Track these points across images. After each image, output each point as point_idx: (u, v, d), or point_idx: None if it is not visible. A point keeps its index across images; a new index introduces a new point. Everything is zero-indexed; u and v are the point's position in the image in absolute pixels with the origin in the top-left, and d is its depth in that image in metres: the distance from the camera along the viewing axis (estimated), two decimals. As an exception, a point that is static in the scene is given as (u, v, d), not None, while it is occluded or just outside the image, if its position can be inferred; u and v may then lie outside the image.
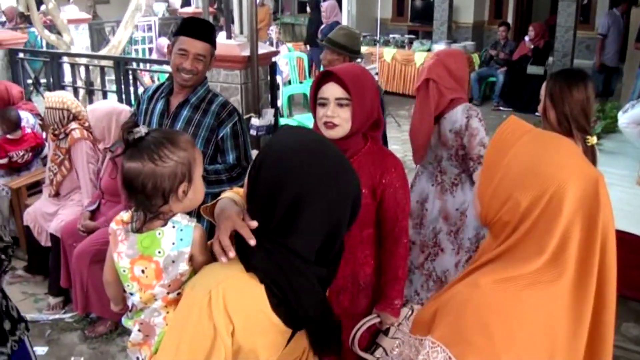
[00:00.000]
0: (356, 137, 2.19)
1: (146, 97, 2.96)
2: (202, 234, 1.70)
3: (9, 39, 6.12)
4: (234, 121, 2.83)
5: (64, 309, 4.03)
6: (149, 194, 1.64)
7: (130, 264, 1.71)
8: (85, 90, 5.68)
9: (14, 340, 2.18)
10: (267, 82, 4.06)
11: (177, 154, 1.64)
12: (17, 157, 4.73)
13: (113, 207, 3.70)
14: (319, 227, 1.39)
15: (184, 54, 2.69)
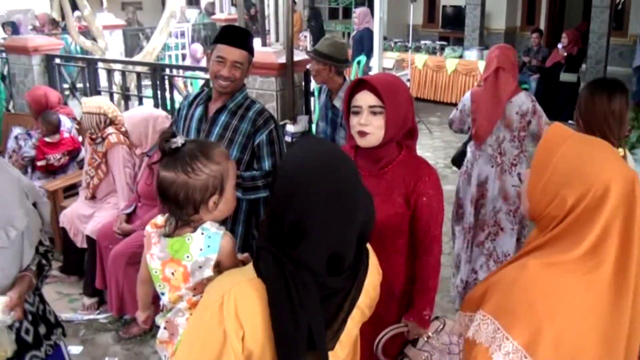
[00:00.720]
0: (390, 146, 2.19)
1: (186, 103, 3.00)
2: (230, 242, 1.75)
3: (45, 45, 6.26)
4: (270, 128, 2.85)
5: (98, 309, 4.10)
6: (181, 203, 1.70)
7: (162, 265, 1.78)
8: (121, 96, 5.77)
9: (48, 345, 2.20)
10: (302, 89, 4.09)
11: (209, 167, 1.70)
12: (54, 160, 4.84)
13: (149, 211, 3.75)
14: (322, 247, 1.40)
15: (221, 61, 2.72)
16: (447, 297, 4.03)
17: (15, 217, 1.97)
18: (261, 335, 1.39)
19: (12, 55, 6.35)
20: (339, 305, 1.44)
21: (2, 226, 1.92)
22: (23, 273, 2.04)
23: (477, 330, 1.37)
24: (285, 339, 1.36)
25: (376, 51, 6.28)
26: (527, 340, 1.28)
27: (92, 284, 4.01)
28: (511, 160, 3.67)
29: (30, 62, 6.10)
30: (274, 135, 2.87)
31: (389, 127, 2.10)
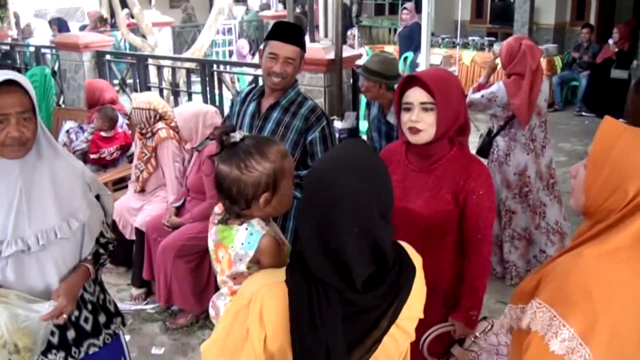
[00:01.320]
0: (442, 142, 2.16)
1: (239, 99, 3.03)
2: (270, 243, 1.75)
3: (96, 42, 6.42)
4: (323, 125, 2.85)
5: (145, 300, 4.17)
6: (234, 197, 1.72)
7: (215, 247, 1.84)
8: (171, 92, 5.86)
9: (107, 334, 2.22)
10: (350, 85, 4.08)
11: (262, 165, 1.70)
12: (107, 154, 4.96)
13: (197, 204, 3.81)
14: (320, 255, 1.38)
15: (274, 58, 2.73)
16: (494, 297, 3.97)
17: (78, 209, 2.00)
18: (281, 339, 1.39)
19: (63, 52, 6.53)
20: (373, 323, 1.41)
21: (65, 217, 1.96)
22: (80, 263, 2.07)
23: (532, 318, 1.37)
24: (303, 351, 1.36)
25: (423, 47, 6.21)
26: (584, 328, 1.29)
27: (140, 275, 4.09)
28: (541, 143, 4.07)
29: (81, 58, 6.26)
30: (326, 132, 2.87)
31: (441, 124, 2.08)
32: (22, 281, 1.94)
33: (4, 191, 1.88)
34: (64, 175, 2.00)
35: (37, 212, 1.91)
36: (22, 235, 1.89)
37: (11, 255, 1.89)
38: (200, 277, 3.81)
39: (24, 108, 1.84)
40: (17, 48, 8.05)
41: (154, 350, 3.64)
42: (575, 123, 8.81)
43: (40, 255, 1.94)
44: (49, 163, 1.96)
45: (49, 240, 1.92)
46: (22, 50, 8.00)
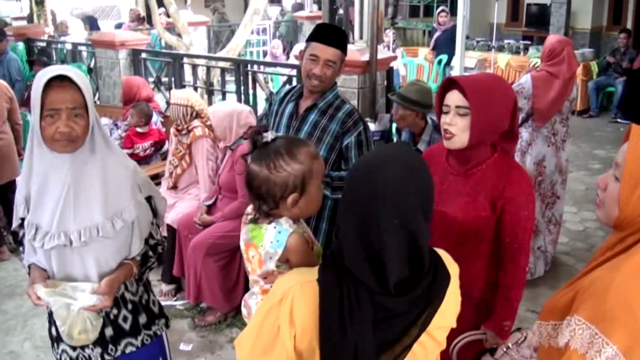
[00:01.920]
0: (482, 148, 2.11)
1: (278, 99, 3.03)
2: (298, 241, 1.76)
3: (132, 40, 6.50)
4: (359, 130, 2.83)
5: (175, 296, 4.21)
6: (262, 196, 1.74)
7: (245, 247, 1.86)
8: (205, 90, 5.91)
9: (147, 334, 2.20)
10: (384, 87, 4.06)
11: (291, 165, 1.71)
12: (141, 149, 5.03)
13: (229, 203, 3.83)
14: (354, 256, 1.37)
15: (314, 60, 2.71)
16: (525, 305, 3.92)
17: (125, 209, 2.00)
18: (310, 338, 1.39)
19: (99, 49, 6.63)
20: (404, 330, 1.40)
21: (110, 216, 1.96)
22: (125, 261, 2.06)
23: (572, 336, 1.32)
24: (331, 352, 1.36)
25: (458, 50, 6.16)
26: (627, 345, 1.25)
27: (171, 271, 4.14)
28: (562, 138, 4.25)
29: (117, 56, 6.34)
30: (362, 137, 2.85)
31: (475, 129, 2.04)
32: (64, 273, 1.97)
33: (53, 184, 1.90)
34: (115, 173, 2.00)
35: (82, 208, 1.93)
36: (65, 230, 1.91)
37: (54, 247, 1.92)
38: (230, 276, 3.83)
39: (75, 104, 1.85)
40: (54, 45, 8.20)
41: (182, 347, 3.67)
42: (610, 130, 8.65)
43: (81, 250, 1.95)
44: (101, 160, 1.96)
45: (90, 238, 1.93)
46: (58, 47, 8.15)
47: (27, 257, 2.04)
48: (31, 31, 8.65)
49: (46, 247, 1.91)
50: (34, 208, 1.93)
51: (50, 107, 1.82)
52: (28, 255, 2.03)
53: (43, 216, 1.92)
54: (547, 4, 11.56)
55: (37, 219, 1.93)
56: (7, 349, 3.74)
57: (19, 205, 1.98)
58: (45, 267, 2.00)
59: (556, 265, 4.64)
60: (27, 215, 1.95)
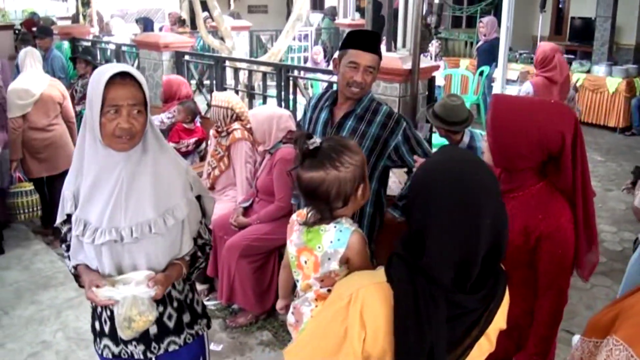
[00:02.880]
0: (525, 173, 2.04)
1: (312, 105, 3.01)
2: (360, 239, 1.77)
3: (176, 42, 6.60)
4: (404, 127, 2.82)
5: (207, 296, 4.25)
6: (332, 199, 1.75)
7: (297, 252, 1.86)
8: (246, 94, 5.97)
9: (189, 334, 2.21)
10: (425, 97, 4.04)
11: (354, 158, 1.75)
12: (183, 145, 5.12)
13: (265, 206, 3.85)
14: (445, 255, 1.36)
15: (355, 67, 2.68)
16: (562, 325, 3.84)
17: (176, 206, 2.01)
18: (382, 340, 1.38)
19: (143, 51, 6.74)
20: (467, 330, 1.39)
21: (162, 213, 1.97)
22: (175, 261, 2.07)
23: (608, 355, 1.32)
24: (407, 352, 1.35)
25: (501, 62, 6.12)
26: None
27: (204, 271, 4.13)
28: None
29: (161, 57, 6.44)
30: (408, 133, 2.84)
31: (494, 153, 2.02)
32: (115, 270, 1.98)
33: (105, 181, 1.92)
34: (167, 171, 2.02)
35: (134, 205, 1.94)
36: (117, 226, 1.93)
37: (105, 243, 1.93)
38: (263, 279, 3.85)
39: (136, 101, 1.88)
40: (98, 45, 8.38)
41: (212, 347, 3.66)
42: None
43: (132, 247, 1.96)
44: (154, 158, 1.98)
45: (142, 234, 1.94)
46: (102, 47, 8.33)
47: (73, 256, 2.04)
48: (76, 30, 8.86)
49: (96, 243, 1.93)
50: (83, 204, 1.95)
51: (112, 103, 1.85)
52: (75, 253, 2.03)
53: (93, 212, 1.94)
54: (592, 18, 11.39)
55: (85, 214, 1.95)
56: (39, 339, 3.82)
57: (67, 201, 1.99)
58: (95, 265, 2.00)
59: (593, 285, 4.54)
60: (75, 211, 1.97)
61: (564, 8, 13.08)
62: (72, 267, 2.07)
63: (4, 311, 4.15)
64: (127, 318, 1.90)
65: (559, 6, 13.21)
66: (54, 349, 3.71)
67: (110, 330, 2.09)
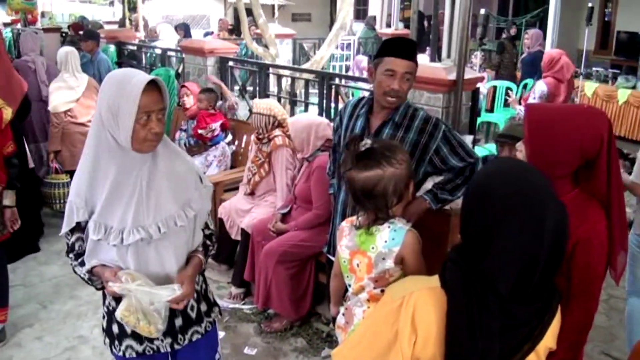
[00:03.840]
0: (559, 181, 1.98)
1: (346, 113, 2.96)
2: (415, 238, 1.80)
3: (220, 48, 6.70)
4: (442, 129, 2.77)
5: (243, 300, 4.27)
6: (389, 196, 1.79)
7: (350, 255, 1.89)
8: (288, 101, 6.01)
9: (208, 322, 2.30)
10: (469, 108, 4.01)
11: (405, 155, 1.82)
12: (210, 130, 5.28)
13: (303, 213, 3.87)
14: (509, 260, 1.34)
15: (392, 75, 2.63)
16: (599, 347, 3.75)
17: (192, 199, 2.09)
18: (432, 346, 1.37)
19: (188, 56, 6.88)
20: (519, 343, 1.37)
21: (182, 206, 2.05)
22: (194, 254, 2.15)
23: None
24: (457, 358, 1.34)
25: (544, 75, 6.07)
26: None
27: (241, 275, 4.19)
28: None
29: (205, 62, 6.54)
30: (448, 134, 2.78)
31: (531, 161, 1.97)
32: (142, 269, 2.01)
33: (124, 184, 1.97)
34: (179, 167, 2.09)
35: (156, 202, 2.00)
36: (142, 224, 1.97)
37: (131, 244, 1.97)
38: (300, 285, 3.86)
39: (161, 106, 1.96)
40: (144, 49, 8.55)
41: (246, 350, 3.71)
42: None
43: (159, 243, 2.02)
44: (165, 156, 2.05)
45: (169, 229, 2.00)
46: (148, 51, 8.50)
47: (88, 259, 2.05)
48: (123, 35, 9.06)
49: (126, 243, 1.96)
50: (102, 209, 1.97)
51: (145, 109, 1.90)
52: (90, 257, 2.04)
53: (114, 215, 1.97)
54: (638, 33, 11.14)
55: (105, 218, 1.97)
56: (77, 333, 3.90)
57: (77, 209, 2.00)
58: (117, 266, 2.02)
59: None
60: (93, 217, 1.98)
61: (610, 22, 12.81)
62: (85, 272, 2.07)
63: (42, 305, 4.26)
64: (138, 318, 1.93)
65: (605, 20, 12.93)
66: (90, 344, 3.78)
67: (132, 329, 2.10)
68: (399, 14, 12.80)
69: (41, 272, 4.72)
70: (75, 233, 2.06)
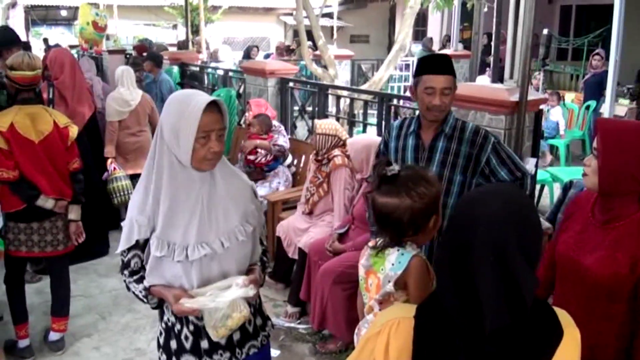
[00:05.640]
0: (627, 200, 1.95)
1: (392, 136, 3.01)
2: (419, 264, 1.79)
3: (281, 69, 6.82)
4: (492, 141, 2.81)
5: (299, 319, 4.26)
6: (404, 226, 1.77)
7: (365, 274, 1.93)
8: (347, 121, 6.04)
9: (263, 335, 2.31)
10: (532, 130, 3.93)
11: (430, 189, 1.77)
12: (262, 155, 5.37)
13: (361, 234, 3.84)
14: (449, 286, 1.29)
15: (431, 92, 2.70)
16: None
17: (250, 214, 2.13)
18: None
19: (250, 77, 7.02)
20: None
21: (241, 221, 2.09)
22: (252, 267, 2.18)
23: None
24: None
25: (608, 96, 5.88)
26: None
27: (297, 294, 4.20)
28: None
29: (266, 83, 6.66)
30: (497, 146, 2.83)
31: (602, 175, 1.92)
32: (205, 284, 2.03)
33: (184, 201, 2.01)
34: (237, 183, 2.15)
35: (218, 218, 2.04)
36: (206, 240, 2.01)
37: (195, 259, 2.00)
38: (356, 306, 3.81)
39: (221, 126, 2.01)
40: (207, 70, 8.76)
41: (299, 370, 3.71)
42: None
43: (222, 258, 2.04)
44: (223, 173, 2.10)
45: (231, 244, 2.04)
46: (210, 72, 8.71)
47: (149, 278, 2.07)
48: (186, 56, 9.34)
49: (191, 259, 1.99)
50: (164, 226, 2.00)
51: (205, 129, 1.95)
52: (150, 276, 2.06)
53: (176, 232, 2.00)
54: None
55: (167, 235, 2.00)
56: (134, 346, 3.97)
57: (140, 226, 2.02)
58: (178, 283, 2.04)
59: None
60: (155, 233, 2.01)
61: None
62: (142, 289, 2.09)
63: (101, 316, 4.37)
64: (225, 315, 1.95)
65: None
66: (147, 356, 3.84)
67: (192, 345, 2.13)
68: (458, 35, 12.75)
69: (101, 284, 4.85)
70: (132, 250, 2.09)
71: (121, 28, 17.69)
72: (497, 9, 5.36)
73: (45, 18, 22.14)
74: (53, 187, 3.59)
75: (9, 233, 3.64)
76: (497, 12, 5.32)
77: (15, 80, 3.55)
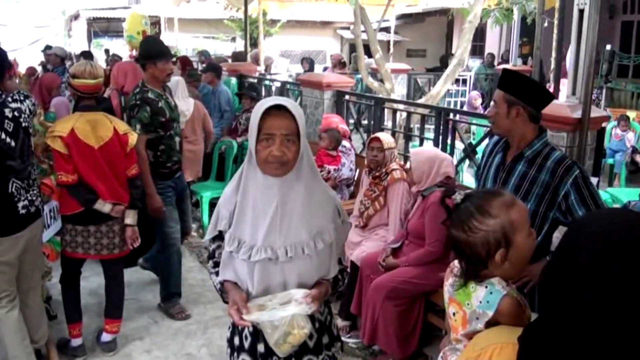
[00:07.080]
0: None
1: (487, 152, 3.00)
2: (512, 304, 1.68)
3: (338, 82, 6.83)
4: (575, 174, 2.63)
5: (349, 333, 4.23)
6: (469, 258, 1.72)
7: (449, 300, 1.84)
8: (403, 135, 6.01)
9: (327, 355, 2.24)
10: (594, 148, 3.82)
11: (485, 223, 1.68)
12: (325, 171, 5.30)
13: (415, 249, 3.80)
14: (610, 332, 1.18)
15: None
16: None
17: (325, 231, 2.10)
18: None
19: (306, 89, 7.06)
20: None
21: (313, 236, 2.07)
22: (322, 280, 2.13)
23: None
24: None
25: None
26: None
27: (348, 307, 4.17)
28: None
29: (322, 96, 6.69)
30: (579, 181, 2.63)
31: None
32: (264, 286, 2.06)
33: (261, 204, 2.03)
34: (318, 198, 2.11)
35: (288, 227, 2.04)
36: (272, 245, 2.03)
37: (259, 261, 2.03)
38: (407, 323, 3.77)
39: (289, 131, 1.99)
40: (264, 82, 8.88)
41: (348, 385, 3.68)
42: None
43: (285, 266, 2.05)
44: (306, 185, 2.07)
45: (296, 254, 2.03)
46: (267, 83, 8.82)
47: (221, 272, 2.14)
48: (244, 68, 9.48)
49: (252, 260, 2.02)
50: (238, 222, 2.06)
51: (267, 132, 1.97)
52: (223, 270, 2.13)
53: (246, 231, 2.05)
54: None
55: (239, 233, 2.06)
56: (185, 351, 4.02)
57: (222, 219, 2.11)
58: (244, 282, 2.08)
59: None
60: (230, 229, 2.08)
61: None
62: (218, 283, 2.17)
63: (154, 320, 4.44)
64: (285, 333, 1.95)
65: None
66: (197, 362, 3.88)
67: (250, 345, 2.15)
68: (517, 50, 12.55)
69: (154, 289, 4.90)
70: (217, 241, 2.17)
71: (181, 40, 18.11)
72: (559, 25, 5.25)
73: (106, 30, 22.84)
74: (111, 191, 3.68)
75: (66, 235, 3.75)
76: (558, 27, 5.22)
77: (77, 88, 3.66)
